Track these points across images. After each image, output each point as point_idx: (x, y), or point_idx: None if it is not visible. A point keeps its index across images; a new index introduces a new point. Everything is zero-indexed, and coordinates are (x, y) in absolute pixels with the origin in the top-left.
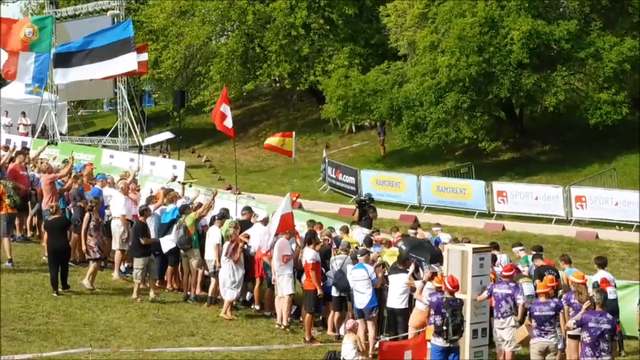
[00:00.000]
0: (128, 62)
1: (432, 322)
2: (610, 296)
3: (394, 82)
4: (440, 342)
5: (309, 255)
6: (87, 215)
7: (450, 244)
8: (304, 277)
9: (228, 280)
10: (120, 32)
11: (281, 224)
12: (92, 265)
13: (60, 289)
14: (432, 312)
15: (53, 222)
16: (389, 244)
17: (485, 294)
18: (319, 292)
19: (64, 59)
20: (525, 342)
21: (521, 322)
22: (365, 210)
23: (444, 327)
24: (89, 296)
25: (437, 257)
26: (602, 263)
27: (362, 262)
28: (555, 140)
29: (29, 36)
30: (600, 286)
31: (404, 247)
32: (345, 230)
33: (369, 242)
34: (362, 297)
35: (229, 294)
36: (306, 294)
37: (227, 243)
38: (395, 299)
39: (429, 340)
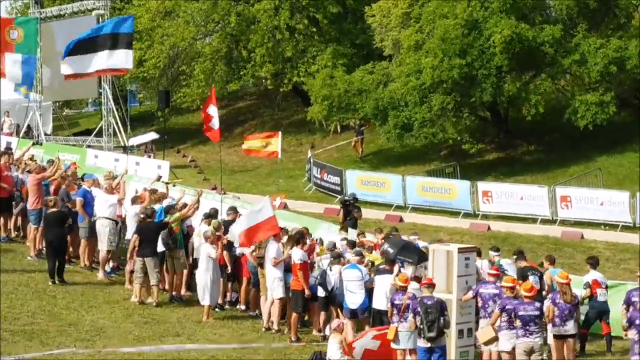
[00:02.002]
0: (124, 58)
1: (394, 322)
2: (600, 298)
3: (379, 82)
4: (421, 342)
5: (297, 255)
6: None
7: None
8: (291, 278)
9: (208, 284)
10: (122, 26)
11: (266, 228)
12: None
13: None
14: (395, 312)
15: (51, 215)
16: (371, 249)
17: (470, 294)
18: (307, 292)
19: (73, 49)
20: (489, 343)
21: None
22: (350, 210)
23: (420, 326)
24: (74, 296)
25: (423, 258)
26: (594, 263)
27: (356, 262)
28: (541, 140)
29: (13, 38)
30: (592, 288)
31: (390, 250)
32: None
33: (352, 244)
34: (355, 297)
35: (207, 299)
36: (293, 294)
37: (203, 247)
38: (381, 300)
39: (392, 341)
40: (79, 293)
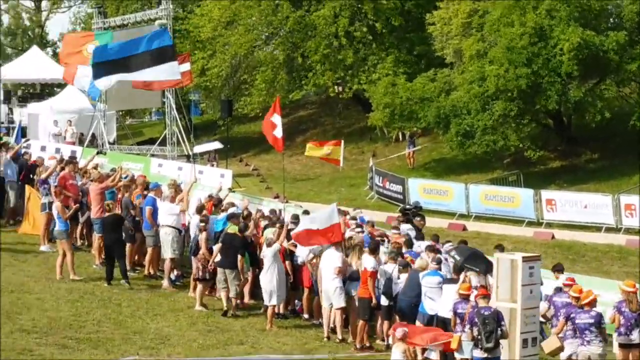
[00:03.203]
0: (169, 71)
1: (457, 331)
2: None
3: (440, 89)
4: (478, 353)
5: (370, 263)
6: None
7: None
8: (354, 285)
9: (275, 285)
10: (159, 40)
11: (327, 234)
12: (199, 287)
13: (122, 282)
14: (458, 321)
15: (108, 219)
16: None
17: (545, 305)
18: (374, 301)
19: (105, 68)
20: (555, 353)
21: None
22: (410, 219)
23: (478, 337)
24: (139, 304)
25: (491, 267)
26: None
27: (436, 269)
28: (604, 147)
29: (89, 52)
30: None
31: (457, 257)
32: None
33: (433, 250)
34: (433, 304)
35: (274, 299)
36: (360, 302)
37: (267, 249)
38: (446, 309)
39: (455, 350)
40: (144, 301)
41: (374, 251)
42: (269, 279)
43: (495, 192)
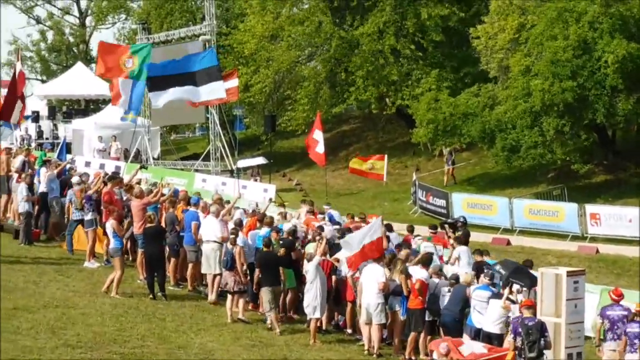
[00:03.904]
0: (216, 91)
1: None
2: None
3: (484, 104)
4: None
5: (422, 275)
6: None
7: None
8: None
9: (319, 298)
10: (204, 61)
11: (372, 249)
12: (241, 300)
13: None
14: (510, 335)
15: (149, 230)
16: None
17: (598, 320)
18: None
19: (157, 83)
20: None
21: None
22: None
23: (521, 347)
24: (182, 319)
25: (535, 282)
26: None
27: (487, 284)
28: None
29: (128, 66)
30: None
31: (503, 271)
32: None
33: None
34: (481, 318)
35: (318, 312)
36: (412, 313)
37: (310, 264)
38: (491, 324)
39: None
40: (188, 316)
41: (426, 263)
42: (312, 294)
43: (540, 207)
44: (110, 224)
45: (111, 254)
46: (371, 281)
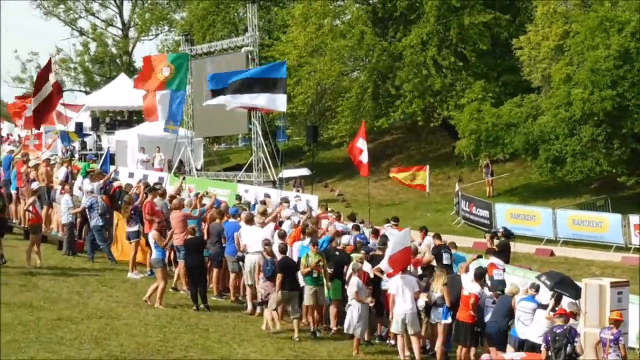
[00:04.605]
0: (279, 102)
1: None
2: None
3: (527, 115)
4: None
5: (475, 288)
6: None
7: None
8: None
9: (355, 316)
10: (274, 71)
11: (400, 259)
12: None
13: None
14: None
15: (190, 242)
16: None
17: None
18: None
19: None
20: None
21: None
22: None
23: (550, 355)
24: (225, 330)
25: (580, 293)
26: None
27: (533, 295)
28: None
29: (165, 75)
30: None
31: (548, 282)
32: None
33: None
34: (526, 329)
35: (357, 331)
36: (461, 326)
37: (354, 278)
38: (536, 335)
39: None
40: (231, 326)
41: (480, 277)
42: (351, 311)
43: (583, 217)
44: (152, 235)
45: (153, 264)
46: (403, 291)
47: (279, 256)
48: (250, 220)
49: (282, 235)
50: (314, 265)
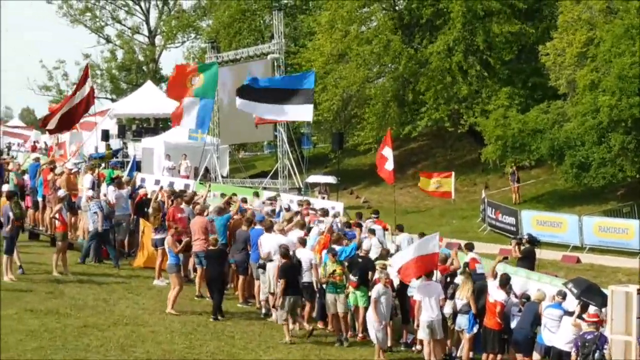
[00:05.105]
0: (305, 112)
1: None
2: None
3: (554, 121)
4: None
5: (501, 296)
6: None
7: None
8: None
9: (375, 324)
10: (303, 81)
11: (425, 261)
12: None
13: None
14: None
15: (211, 253)
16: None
17: None
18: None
19: (249, 92)
20: None
21: None
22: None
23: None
24: (251, 337)
25: (606, 301)
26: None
27: (559, 302)
28: None
29: (194, 83)
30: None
31: (574, 290)
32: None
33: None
34: (552, 336)
35: (379, 338)
36: (488, 333)
37: (377, 285)
38: (562, 342)
39: None
40: (257, 334)
41: (505, 285)
42: (372, 317)
43: (610, 224)
44: (166, 240)
45: (167, 270)
46: (429, 298)
47: (280, 260)
48: (269, 228)
49: (303, 242)
50: (329, 275)
